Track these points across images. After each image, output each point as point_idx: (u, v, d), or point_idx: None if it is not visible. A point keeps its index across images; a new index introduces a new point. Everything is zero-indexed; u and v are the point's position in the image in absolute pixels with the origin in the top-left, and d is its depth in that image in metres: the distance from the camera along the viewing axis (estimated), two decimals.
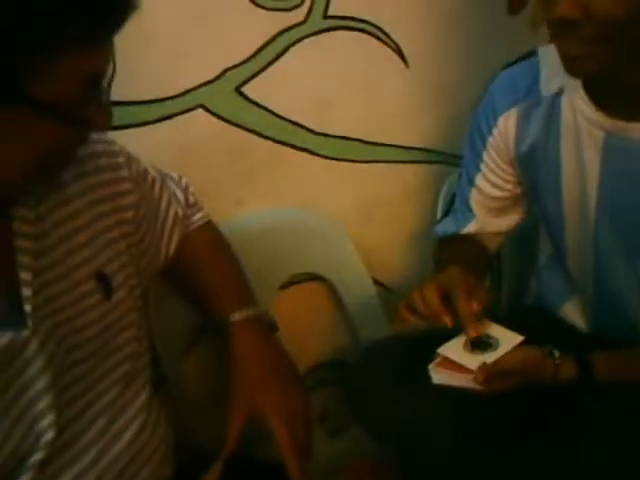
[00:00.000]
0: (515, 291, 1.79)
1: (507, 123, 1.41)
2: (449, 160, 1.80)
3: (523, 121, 1.39)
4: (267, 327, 1.32)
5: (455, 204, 1.57)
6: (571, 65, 1.17)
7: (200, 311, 1.38)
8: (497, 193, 1.49)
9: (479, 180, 1.49)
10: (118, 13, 0.89)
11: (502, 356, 1.23)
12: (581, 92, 1.28)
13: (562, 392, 1.27)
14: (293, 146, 1.62)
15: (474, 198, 1.51)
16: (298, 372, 1.33)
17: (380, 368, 1.43)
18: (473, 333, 1.25)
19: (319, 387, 1.77)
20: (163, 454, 1.17)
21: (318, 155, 1.65)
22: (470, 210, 1.52)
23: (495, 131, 1.43)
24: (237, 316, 1.28)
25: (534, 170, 1.41)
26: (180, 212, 1.30)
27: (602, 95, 1.26)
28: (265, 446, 1.24)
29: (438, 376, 1.25)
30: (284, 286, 1.65)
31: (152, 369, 1.21)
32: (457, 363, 1.23)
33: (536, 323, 1.29)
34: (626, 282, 1.37)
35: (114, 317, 1.10)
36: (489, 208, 1.51)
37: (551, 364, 1.24)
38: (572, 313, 1.52)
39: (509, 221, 1.54)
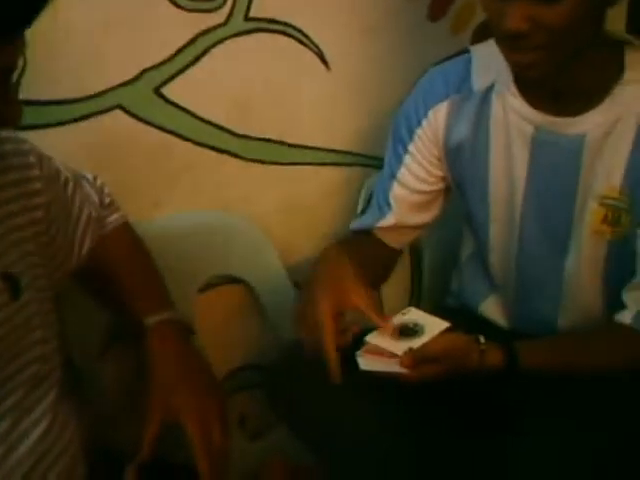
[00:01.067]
0: (436, 291, 1.81)
1: (437, 115, 1.43)
2: (369, 162, 1.81)
3: (453, 115, 1.42)
4: (183, 330, 1.31)
5: (373, 199, 1.57)
6: (522, 72, 1.25)
7: (116, 313, 1.37)
8: (420, 187, 1.49)
9: (402, 173, 1.49)
10: (29, 7, 0.88)
11: (428, 341, 1.24)
12: (512, 88, 1.33)
13: (490, 385, 1.28)
14: (213, 148, 1.61)
15: (395, 192, 1.50)
16: (213, 374, 1.33)
17: (302, 369, 1.41)
18: (388, 330, 1.26)
19: (239, 390, 1.76)
20: (72, 456, 1.15)
21: (239, 157, 1.64)
22: (388, 204, 1.51)
23: (425, 122, 1.44)
24: (153, 319, 1.28)
25: (461, 165, 1.44)
26: (94, 213, 1.29)
27: (533, 91, 1.31)
28: (181, 449, 1.23)
29: (365, 362, 1.25)
30: (203, 289, 1.64)
31: (64, 371, 1.19)
32: (384, 349, 1.24)
33: (457, 321, 1.30)
34: (548, 276, 1.41)
35: (22, 318, 1.08)
36: (409, 202, 1.50)
37: (476, 350, 1.25)
38: (492, 310, 1.55)
39: (426, 217, 1.54)
